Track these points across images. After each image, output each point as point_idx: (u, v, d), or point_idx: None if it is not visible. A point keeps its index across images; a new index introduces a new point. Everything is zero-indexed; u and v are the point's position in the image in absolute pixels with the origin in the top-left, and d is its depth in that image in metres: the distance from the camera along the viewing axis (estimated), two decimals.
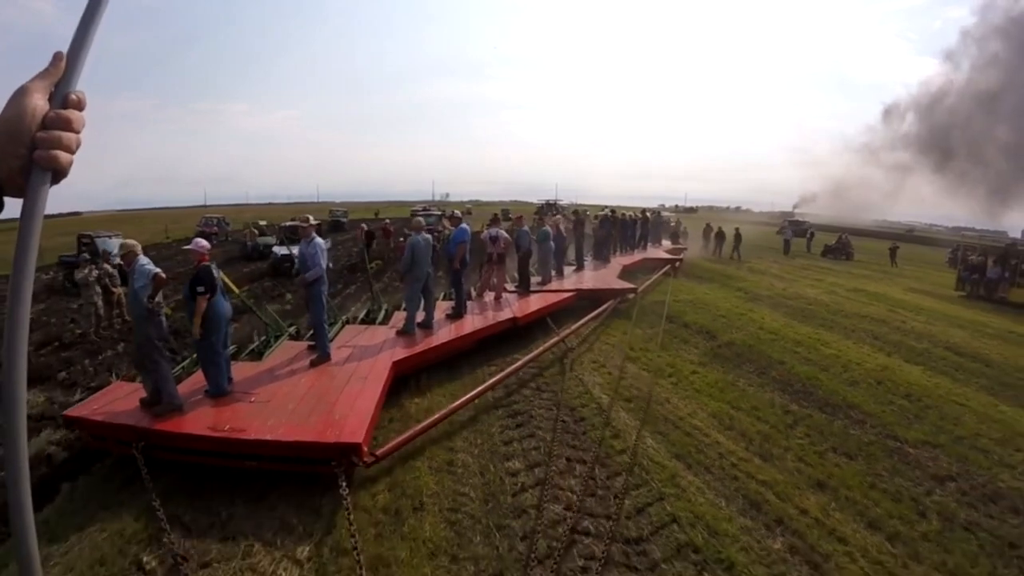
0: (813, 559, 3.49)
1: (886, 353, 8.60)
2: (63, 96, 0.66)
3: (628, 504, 3.93)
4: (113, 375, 6.49)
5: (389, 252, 17.85)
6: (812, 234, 31.59)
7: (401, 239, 6.05)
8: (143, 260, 4.53)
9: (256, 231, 20.81)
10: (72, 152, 0.66)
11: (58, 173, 0.66)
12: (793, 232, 30.61)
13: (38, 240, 0.64)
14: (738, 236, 21.49)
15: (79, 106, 0.67)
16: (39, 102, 0.65)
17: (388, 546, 3.46)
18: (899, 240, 30.27)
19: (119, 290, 9.02)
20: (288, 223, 18.07)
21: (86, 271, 8.68)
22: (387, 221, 21.56)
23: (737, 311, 10.84)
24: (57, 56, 0.67)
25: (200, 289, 4.50)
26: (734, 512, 3.91)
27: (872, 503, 4.23)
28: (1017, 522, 4.29)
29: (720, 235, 22.74)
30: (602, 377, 6.87)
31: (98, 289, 8.57)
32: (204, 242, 4.83)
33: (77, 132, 0.67)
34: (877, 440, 5.38)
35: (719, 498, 4.08)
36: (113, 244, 14.35)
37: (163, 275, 4.50)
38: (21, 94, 0.65)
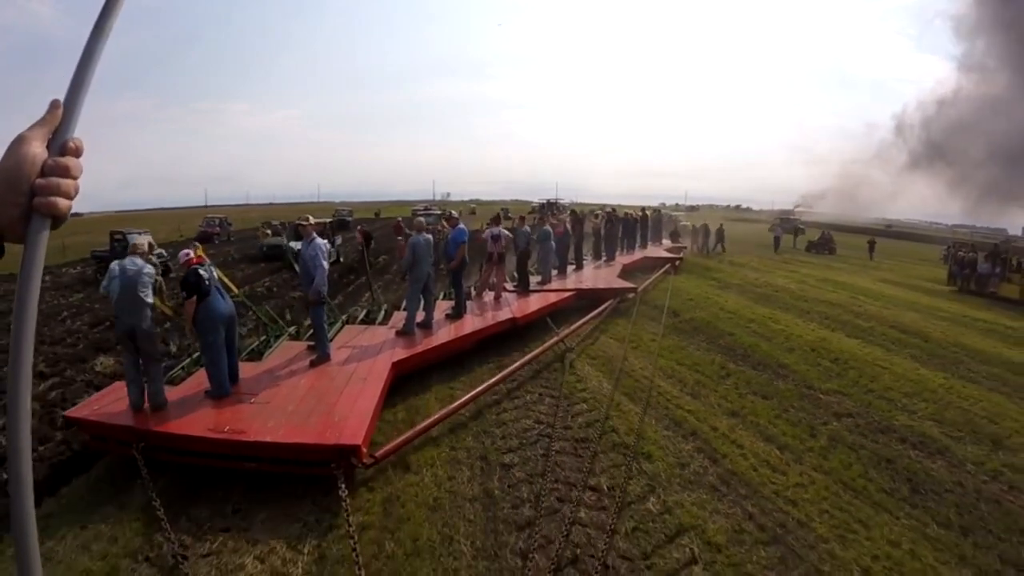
0: (713, 456, 4.72)
1: (831, 329, 9.78)
2: (61, 143, 0.68)
3: (581, 420, 5.24)
4: (171, 346, 7.72)
5: (397, 248, 19.05)
6: (800, 231, 32.85)
7: (401, 239, 6.34)
8: (120, 260, 4.57)
9: (269, 232, 21.35)
10: (71, 198, 0.67)
11: (57, 219, 0.67)
12: (783, 229, 31.90)
13: (39, 284, 0.65)
14: (706, 230, 23.48)
15: (77, 153, 0.69)
16: (37, 150, 0.66)
17: (404, 451, 4.69)
18: (878, 235, 31.65)
19: (160, 279, 10.30)
20: (299, 221, 19.27)
21: None
22: (400, 219, 22.73)
23: (704, 295, 12.07)
24: (54, 104, 0.68)
25: (183, 294, 4.68)
26: (659, 427, 5.19)
27: (772, 426, 5.46)
28: (899, 448, 5.40)
29: (706, 231, 24.24)
30: (575, 344, 8.09)
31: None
32: (185, 251, 5.05)
33: (75, 178, 0.68)
34: (794, 389, 6.58)
35: (650, 419, 5.37)
36: (144, 240, 15.82)
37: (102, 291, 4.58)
38: (19, 143, 0.66)
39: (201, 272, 4.73)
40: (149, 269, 4.52)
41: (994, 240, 25.93)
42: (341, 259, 17.92)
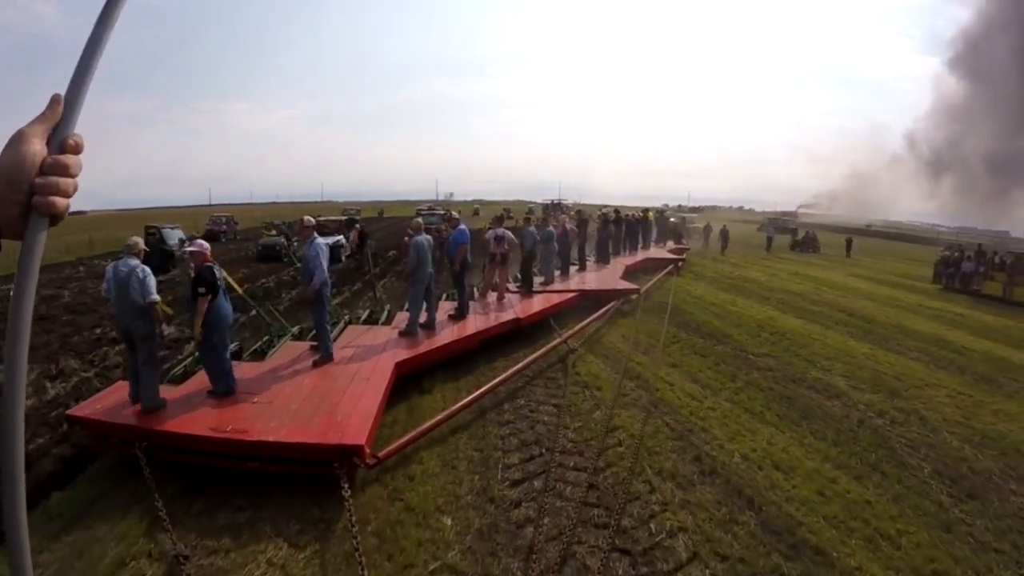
0: (650, 391, 6.32)
1: (781, 311, 11.30)
2: (61, 140, 0.67)
3: (556, 367, 6.88)
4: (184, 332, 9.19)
5: (402, 246, 20.41)
6: (793, 231, 34.36)
7: (405, 239, 6.85)
8: (115, 261, 4.62)
9: (274, 231, 21.44)
10: (69, 196, 0.67)
11: (56, 217, 0.67)
12: (775, 229, 33.47)
13: (36, 281, 0.65)
14: (708, 230, 25.18)
15: (77, 150, 0.68)
16: (37, 147, 0.65)
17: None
18: (858, 235, 33.32)
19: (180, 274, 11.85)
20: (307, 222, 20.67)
21: (180, 251, 11.88)
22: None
23: (678, 284, 13.63)
24: (55, 99, 0.67)
25: (201, 290, 4.55)
26: (612, 373, 6.82)
27: (702, 373, 7.05)
28: (804, 392, 6.72)
29: (708, 231, 26.00)
30: (579, 344, 9.59)
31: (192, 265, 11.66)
32: (204, 242, 4.97)
33: (75, 177, 0.68)
34: (731, 351, 8.15)
35: (607, 368, 7.00)
36: (176, 234, 17.67)
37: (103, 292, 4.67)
38: (19, 140, 0.65)
39: (215, 271, 4.78)
40: (142, 269, 4.46)
41: (975, 242, 27.24)
42: (351, 252, 19.47)
